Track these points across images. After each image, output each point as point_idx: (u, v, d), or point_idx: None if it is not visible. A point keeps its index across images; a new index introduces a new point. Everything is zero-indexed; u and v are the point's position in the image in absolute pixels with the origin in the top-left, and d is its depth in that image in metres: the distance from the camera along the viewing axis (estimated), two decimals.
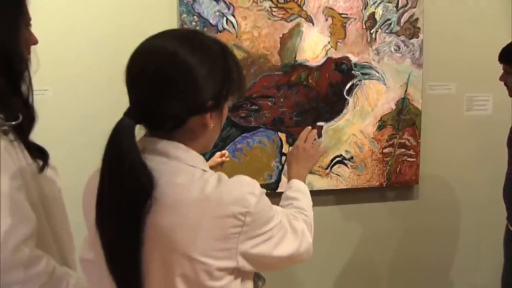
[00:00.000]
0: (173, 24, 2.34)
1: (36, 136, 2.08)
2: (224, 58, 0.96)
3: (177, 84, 0.88)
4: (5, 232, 0.94)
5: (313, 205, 2.56)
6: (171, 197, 0.86)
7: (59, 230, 1.19)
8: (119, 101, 2.27)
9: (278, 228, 0.96)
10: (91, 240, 0.98)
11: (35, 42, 1.18)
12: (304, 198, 1.25)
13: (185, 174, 0.89)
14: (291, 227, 1.02)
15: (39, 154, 1.14)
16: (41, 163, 1.14)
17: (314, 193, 2.51)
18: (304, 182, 1.32)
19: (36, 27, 1.22)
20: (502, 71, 2.23)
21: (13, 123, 1.05)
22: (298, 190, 1.26)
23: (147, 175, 0.84)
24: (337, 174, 2.58)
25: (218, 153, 1.83)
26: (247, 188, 0.90)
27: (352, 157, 2.59)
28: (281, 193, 1.33)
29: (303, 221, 1.13)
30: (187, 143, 0.93)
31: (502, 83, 2.26)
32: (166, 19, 2.34)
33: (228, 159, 1.84)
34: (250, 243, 0.90)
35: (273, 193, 2.37)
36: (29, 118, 1.13)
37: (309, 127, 1.42)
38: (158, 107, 0.89)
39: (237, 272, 0.93)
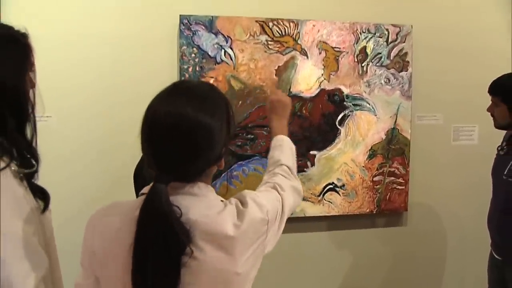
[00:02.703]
0: (173, 56, 2.44)
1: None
2: (226, 107, 1.09)
3: (204, 147, 1.01)
4: (25, 275, 1.00)
5: (306, 231, 2.67)
6: (207, 229, 1.00)
7: (54, 268, 1.22)
8: (117, 129, 2.38)
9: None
10: (96, 284, 1.06)
11: (33, 85, 1.21)
12: (284, 151, 1.42)
13: (213, 207, 1.04)
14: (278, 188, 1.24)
15: (41, 195, 1.17)
16: (42, 204, 1.16)
17: (306, 219, 2.64)
18: (287, 131, 1.52)
19: (43, 59, 1.26)
20: (490, 102, 2.31)
21: (29, 170, 1.10)
22: (279, 145, 1.44)
23: (185, 231, 0.97)
24: (329, 201, 2.66)
25: None
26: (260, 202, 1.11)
27: (343, 185, 2.68)
28: None
29: (280, 174, 1.33)
30: (204, 181, 1.07)
31: (489, 114, 2.33)
32: (167, 51, 2.45)
33: None
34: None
35: None
36: (35, 161, 1.15)
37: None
38: (187, 168, 1.02)
39: None
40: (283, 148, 1.42)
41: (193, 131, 0.98)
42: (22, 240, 1.01)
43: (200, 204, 1.02)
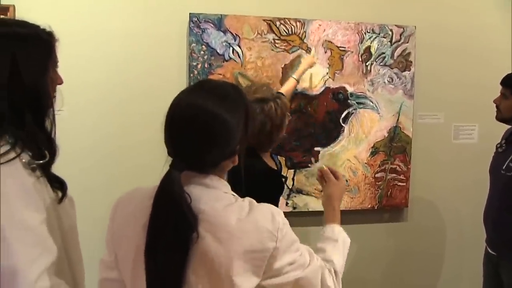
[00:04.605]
0: (183, 53, 2.51)
1: None
2: (246, 108, 1.13)
3: (219, 140, 1.06)
4: (30, 262, 1.03)
5: (310, 225, 2.74)
6: (212, 220, 1.03)
7: (73, 256, 1.28)
8: (127, 124, 2.44)
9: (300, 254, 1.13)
10: (116, 261, 1.13)
11: (61, 82, 1.29)
12: (336, 246, 1.32)
13: (223, 199, 1.07)
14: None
15: (58, 185, 1.21)
16: (60, 194, 1.20)
17: (310, 214, 2.71)
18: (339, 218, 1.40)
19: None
20: (499, 94, 2.33)
21: (41, 161, 1.15)
22: (329, 238, 1.35)
23: (193, 215, 1.03)
24: None
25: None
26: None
27: (346, 181, 2.74)
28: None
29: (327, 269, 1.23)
30: (218, 174, 1.12)
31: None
32: (176, 48, 2.51)
33: None
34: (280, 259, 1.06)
35: None
36: (52, 152, 1.21)
37: (324, 169, 1.48)
38: (202, 158, 1.08)
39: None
40: (340, 248, 1.32)
41: (210, 124, 1.04)
42: (29, 228, 1.05)
43: (210, 195, 1.07)
